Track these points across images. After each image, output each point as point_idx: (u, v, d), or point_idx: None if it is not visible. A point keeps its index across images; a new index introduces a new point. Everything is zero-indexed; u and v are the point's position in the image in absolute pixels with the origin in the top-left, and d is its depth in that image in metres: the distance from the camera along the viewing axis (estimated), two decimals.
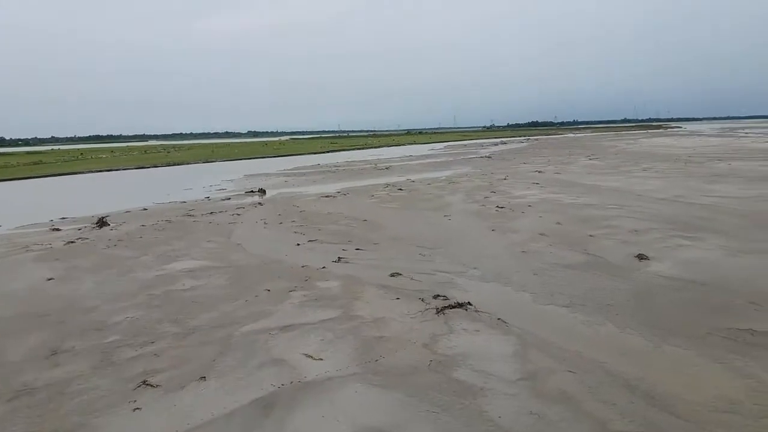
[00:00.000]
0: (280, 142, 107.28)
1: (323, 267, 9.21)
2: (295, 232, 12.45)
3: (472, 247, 10.41)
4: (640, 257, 8.97)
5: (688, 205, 14.09)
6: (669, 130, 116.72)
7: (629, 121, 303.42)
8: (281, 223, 13.84)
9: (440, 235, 11.64)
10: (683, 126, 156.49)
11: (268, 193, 20.93)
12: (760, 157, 28.72)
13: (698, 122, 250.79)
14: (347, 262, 9.50)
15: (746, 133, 72.43)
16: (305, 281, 8.41)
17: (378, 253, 10.21)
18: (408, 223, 13.26)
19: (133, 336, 6.42)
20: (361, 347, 5.79)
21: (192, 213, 16.15)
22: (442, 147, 66.64)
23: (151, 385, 5.10)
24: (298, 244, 11.14)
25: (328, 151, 60.60)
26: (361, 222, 13.55)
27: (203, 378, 5.22)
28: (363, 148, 67.01)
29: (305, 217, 14.55)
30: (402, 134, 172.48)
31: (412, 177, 25.70)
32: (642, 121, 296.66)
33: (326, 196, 19.06)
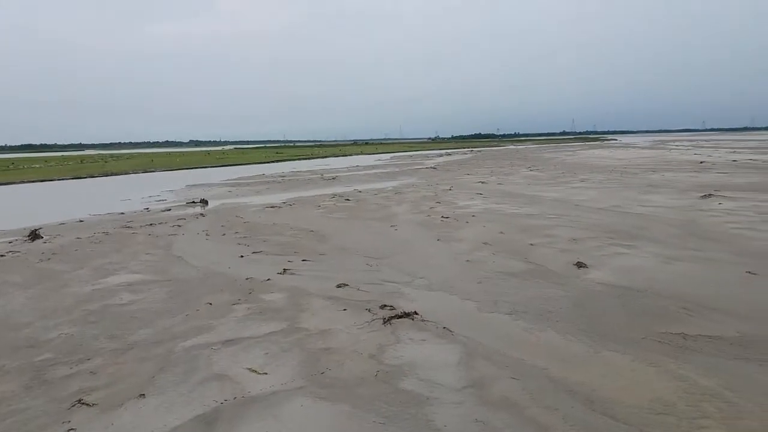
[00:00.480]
0: (224, 152, 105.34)
1: (268, 279, 9.07)
2: (239, 244, 12.22)
3: (418, 256, 10.49)
4: (579, 265, 9.27)
5: (624, 214, 14.68)
6: (605, 142, 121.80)
7: (568, 133, 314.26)
8: (224, 234, 13.56)
9: (387, 245, 11.68)
10: (618, 138, 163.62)
11: (211, 204, 20.47)
12: (689, 169, 30.30)
13: (632, 135, 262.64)
14: (293, 274, 9.40)
15: (676, 145, 76.42)
16: (249, 294, 8.25)
17: (325, 264, 10.14)
18: (355, 233, 13.24)
19: (67, 353, 6.13)
20: (307, 360, 5.73)
21: (130, 225, 15.60)
22: (388, 157, 67.03)
23: (87, 404, 4.87)
24: (242, 256, 10.93)
25: (273, 161, 59.89)
26: (307, 233, 13.44)
27: (142, 395, 5.03)
28: (309, 158, 66.62)
29: (249, 228, 14.30)
30: (349, 144, 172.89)
31: (359, 187, 25.73)
32: (580, 133, 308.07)
33: (271, 207, 18.81)
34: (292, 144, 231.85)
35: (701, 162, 36.01)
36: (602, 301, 7.42)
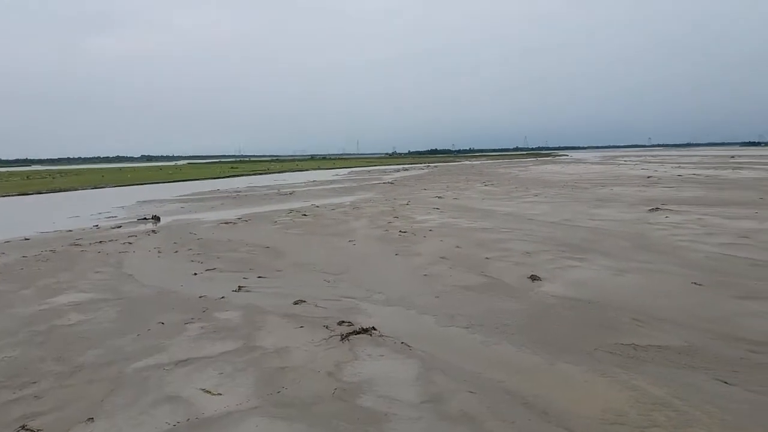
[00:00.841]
0: (177, 167, 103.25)
1: (222, 297, 8.88)
2: (192, 261, 11.95)
3: (376, 271, 10.48)
4: (533, 278, 9.44)
5: (575, 228, 15.06)
6: (557, 158, 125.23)
7: (521, 149, 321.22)
8: (177, 251, 13.24)
9: (345, 260, 11.63)
10: (569, 154, 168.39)
11: (163, 221, 19.98)
12: (637, 183, 31.40)
13: (582, 150, 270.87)
14: (248, 291, 9.24)
15: (624, 161, 79.14)
16: (203, 312, 8.06)
17: (281, 280, 10.01)
18: (312, 249, 13.14)
19: (11, 377, 5.83)
20: (263, 379, 5.62)
21: (79, 242, 15.06)
22: (346, 172, 67.08)
23: (32, 430, 4.64)
24: (196, 274, 10.69)
25: (228, 176, 59.09)
26: (263, 249, 13.26)
27: (91, 419, 4.82)
28: (265, 173, 66.03)
29: (203, 245, 14.02)
30: (306, 159, 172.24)
31: (317, 202, 25.61)
32: (533, 149, 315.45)
33: (226, 223, 18.50)
34: (248, 159, 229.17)
35: (648, 177, 37.37)
36: (556, 313, 7.57)
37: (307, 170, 76.32)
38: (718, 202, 20.34)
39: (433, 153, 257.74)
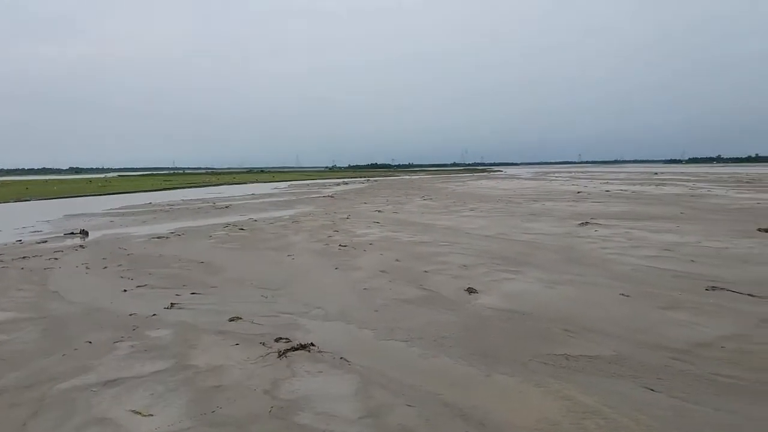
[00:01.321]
0: (107, 180, 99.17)
1: (154, 314, 8.55)
2: (122, 277, 11.46)
3: (315, 286, 10.37)
4: (470, 291, 9.60)
5: (510, 241, 15.46)
6: (492, 173, 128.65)
7: (458, 164, 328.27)
8: (106, 267, 12.67)
9: (283, 275, 11.45)
10: (504, 170, 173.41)
11: (92, 235, 19.09)
12: (567, 198, 32.62)
13: (516, 166, 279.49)
14: (181, 308, 8.93)
15: (556, 176, 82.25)
16: (133, 330, 7.73)
17: (216, 296, 9.74)
18: (249, 264, 12.88)
19: None
20: (197, 399, 5.42)
21: (1, 258, 14.16)
22: (285, 186, 66.43)
23: None
24: (126, 290, 10.25)
25: (161, 189, 57.27)
26: (197, 264, 12.88)
27: None
28: (201, 186, 64.43)
29: (134, 261, 13.47)
30: (243, 172, 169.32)
31: (254, 216, 25.16)
32: (469, 165, 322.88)
33: (158, 237, 17.87)
34: (182, 171, 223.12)
35: (578, 192, 38.95)
36: (491, 325, 7.71)
37: (244, 183, 75.00)
38: (643, 216, 21.41)
39: (374, 167, 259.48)
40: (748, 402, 5.11)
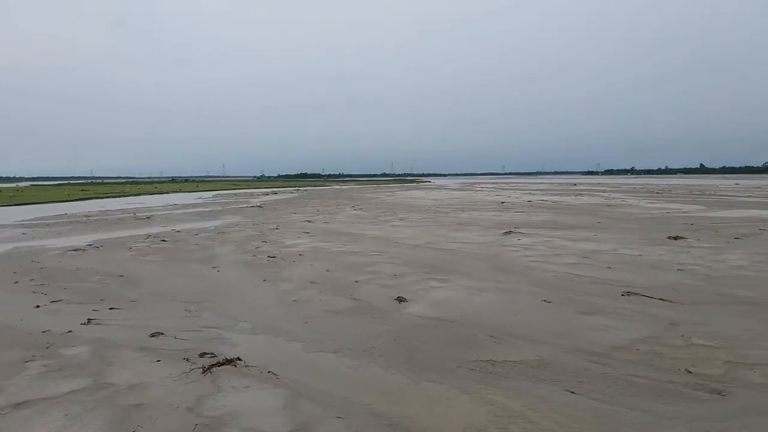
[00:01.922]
0: (18, 189, 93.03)
1: (69, 331, 8.06)
2: (35, 292, 10.74)
3: (242, 299, 10.13)
4: (399, 300, 9.68)
5: (438, 250, 15.73)
6: (421, 183, 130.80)
7: (388, 175, 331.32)
8: (17, 282, 11.85)
9: (208, 288, 11.12)
10: (432, 180, 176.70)
11: (1, 248, 17.81)
12: (492, 208, 33.62)
13: (444, 177, 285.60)
14: (99, 324, 8.47)
15: (481, 187, 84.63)
16: (46, 349, 7.25)
17: (136, 311, 9.32)
18: (172, 277, 12.41)
19: None
20: (115, 419, 5.15)
21: None
22: (210, 195, 64.65)
23: None
24: (38, 306, 9.62)
25: (78, 199, 54.25)
26: (116, 278, 12.28)
27: None
28: (120, 196, 61.57)
29: (48, 275, 12.67)
30: (166, 182, 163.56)
31: (177, 227, 24.30)
32: (398, 175, 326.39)
33: (75, 250, 16.91)
34: (100, 181, 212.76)
35: (502, 202, 40.23)
36: (420, 333, 7.79)
37: (167, 193, 72.39)
38: (563, 225, 22.38)
39: (303, 177, 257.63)
40: (660, 401, 5.42)
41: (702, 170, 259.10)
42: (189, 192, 75.67)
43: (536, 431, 4.78)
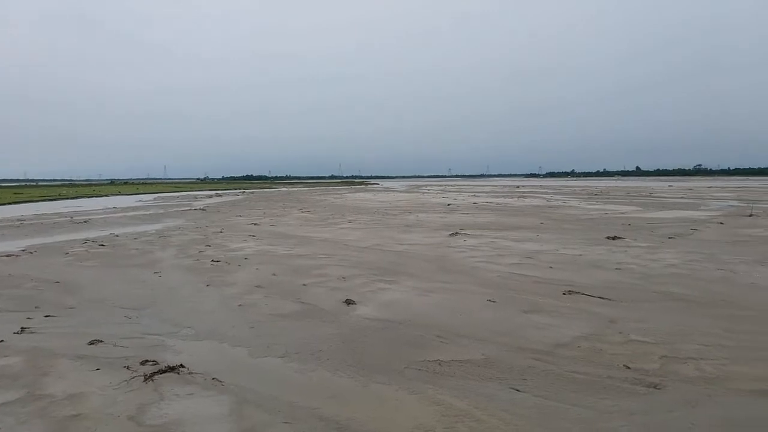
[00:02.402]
0: None
1: (1, 341, 7.66)
2: None
3: (185, 304, 9.88)
4: (348, 302, 9.68)
5: (386, 252, 15.80)
6: (369, 186, 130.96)
7: (336, 177, 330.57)
8: None
9: (149, 293, 10.79)
10: (380, 182, 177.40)
11: None
12: (439, 210, 34.06)
13: (391, 179, 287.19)
14: (33, 333, 8.09)
15: (428, 189, 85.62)
16: None
17: (74, 318, 8.95)
18: (111, 282, 11.98)
19: None
20: (52, 430, 4.93)
21: None
22: (151, 198, 62.69)
23: None
24: None
25: (10, 203, 51.63)
26: (52, 284, 11.75)
27: None
28: (56, 199, 58.89)
29: None
30: (105, 184, 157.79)
31: (117, 231, 23.45)
32: (347, 177, 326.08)
33: (7, 255, 16.06)
34: (35, 183, 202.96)
35: (449, 204, 40.79)
36: (369, 335, 7.82)
37: (106, 196, 69.67)
38: (507, 227, 22.90)
39: (249, 179, 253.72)
40: (600, 396, 5.63)
41: (638, 173, 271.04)
42: (129, 195, 73.19)
43: (482, 430, 4.88)
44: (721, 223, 22.87)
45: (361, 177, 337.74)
